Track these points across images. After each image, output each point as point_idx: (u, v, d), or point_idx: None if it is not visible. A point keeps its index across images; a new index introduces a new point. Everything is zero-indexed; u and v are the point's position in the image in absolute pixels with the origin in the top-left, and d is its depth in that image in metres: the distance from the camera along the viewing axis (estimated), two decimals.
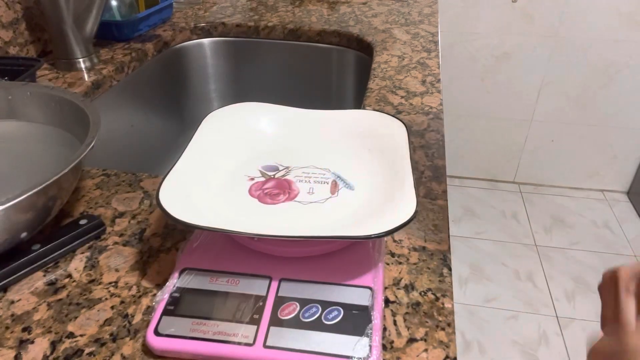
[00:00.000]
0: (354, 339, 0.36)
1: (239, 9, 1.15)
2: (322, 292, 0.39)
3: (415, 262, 0.45)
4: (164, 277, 0.43)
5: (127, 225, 0.50)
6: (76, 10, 0.77)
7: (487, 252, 1.82)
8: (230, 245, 0.44)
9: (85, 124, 0.50)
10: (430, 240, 0.47)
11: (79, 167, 0.48)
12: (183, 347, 0.36)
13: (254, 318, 0.37)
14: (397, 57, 0.90)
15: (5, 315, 0.40)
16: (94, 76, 0.79)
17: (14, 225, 0.41)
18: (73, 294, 0.42)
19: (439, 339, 0.38)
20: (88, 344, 0.37)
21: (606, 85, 1.91)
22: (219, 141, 0.51)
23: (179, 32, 1.02)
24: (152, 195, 0.55)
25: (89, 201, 0.54)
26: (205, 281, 0.40)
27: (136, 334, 0.38)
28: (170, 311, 0.38)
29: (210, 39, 1.07)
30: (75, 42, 0.79)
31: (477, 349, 1.46)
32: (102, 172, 0.59)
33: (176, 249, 0.47)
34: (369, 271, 0.41)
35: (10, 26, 0.80)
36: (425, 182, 0.56)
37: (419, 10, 1.16)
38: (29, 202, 0.40)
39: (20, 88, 0.58)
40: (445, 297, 0.41)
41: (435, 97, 0.76)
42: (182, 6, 1.17)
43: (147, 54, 0.93)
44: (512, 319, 1.55)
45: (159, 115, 1.01)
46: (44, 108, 0.57)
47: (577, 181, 2.17)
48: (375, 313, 0.37)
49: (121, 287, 0.42)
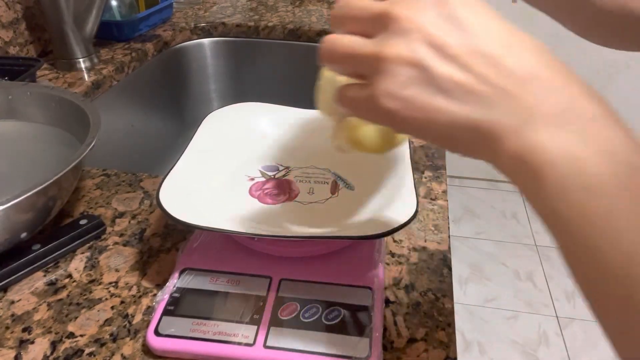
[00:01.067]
0: (354, 339, 0.35)
1: (239, 9, 1.15)
2: (322, 292, 0.39)
3: (415, 262, 0.45)
4: (164, 277, 0.43)
5: (127, 225, 0.50)
6: (76, 10, 0.77)
7: (487, 252, 1.82)
8: (230, 245, 0.44)
9: (85, 124, 0.50)
10: (430, 240, 0.47)
11: (79, 167, 0.48)
12: (183, 347, 0.36)
13: (254, 318, 0.37)
14: None
15: (5, 315, 0.40)
16: (94, 76, 0.79)
17: (14, 225, 0.41)
18: (73, 294, 0.42)
19: (439, 339, 0.38)
20: (88, 344, 0.37)
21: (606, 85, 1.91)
22: (219, 141, 0.51)
23: (179, 32, 1.02)
24: (152, 195, 0.55)
25: (89, 201, 0.54)
26: (205, 281, 0.40)
27: (136, 334, 0.38)
28: (171, 311, 0.38)
29: (210, 39, 1.07)
30: (75, 42, 0.79)
31: (477, 349, 1.46)
32: (102, 172, 0.59)
33: (176, 249, 0.47)
34: (369, 271, 0.41)
35: (10, 26, 0.80)
36: (425, 182, 0.56)
37: None
38: (29, 202, 0.40)
39: (20, 88, 0.58)
40: (445, 297, 0.41)
41: None
42: (182, 6, 1.17)
43: (147, 54, 0.93)
44: (512, 319, 1.55)
45: (159, 115, 1.01)
46: (44, 108, 0.57)
47: None
48: (375, 313, 0.37)
49: (121, 287, 0.42)
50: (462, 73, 0.23)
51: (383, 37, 0.24)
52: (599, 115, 0.22)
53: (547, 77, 0.22)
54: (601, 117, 0.22)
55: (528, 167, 0.22)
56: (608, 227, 0.20)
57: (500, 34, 0.23)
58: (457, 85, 0.23)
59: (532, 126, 0.22)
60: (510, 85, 0.22)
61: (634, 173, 0.20)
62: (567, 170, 0.21)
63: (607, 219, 0.20)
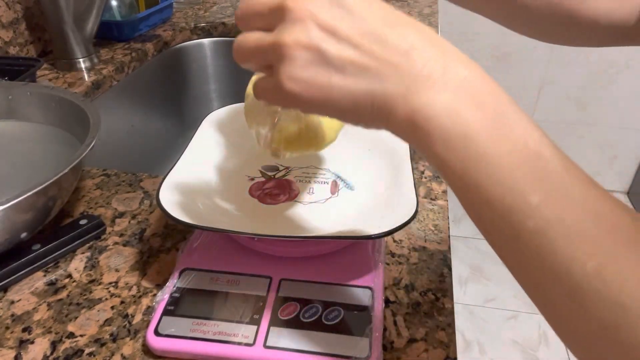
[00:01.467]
0: (354, 339, 0.35)
1: None
2: (322, 292, 0.39)
3: (415, 262, 0.45)
4: (164, 277, 0.43)
5: (127, 225, 0.50)
6: (76, 10, 0.77)
7: (487, 252, 1.82)
8: (230, 245, 0.44)
9: (85, 124, 0.50)
10: (430, 240, 0.47)
11: (79, 167, 0.48)
12: (183, 347, 0.36)
13: (254, 318, 0.37)
14: None
15: (5, 315, 0.40)
16: (94, 76, 0.79)
17: (14, 225, 0.41)
18: (73, 294, 0.42)
19: (439, 339, 0.38)
20: (88, 344, 0.37)
21: (606, 86, 1.91)
22: (219, 141, 0.51)
23: (179, 32, 1.02)
24: (152, 195, 0.55)
25: (89, 201, 0.54)
26: (205, 281, 0.40)
27: (136, 334, 0.38)
28: (171, 311, 0.38)
29: (210, 39, 1.07)
30: (75, 42, 0.79)
31: (477, 349, 1.46)
32: (102, 172, 0.59)
33: (176, 249, 0.47)
34: (369, 271, 0.41)
35: (10, 26, 0.80)
36: (425, 182, 0.56)
37: (419, 10, 1.16)
38: (29, 202, 0.40)
39: (20, 88, 0.58)
40: (445, 297, 0.41)
41: None
42: (182, 6, 1.17)
43: (147, 54, 0.93)
44: (512, 319, 1.55)
45: (159, 115, 1.01)
46: (44, 108, 0.57)
47: None
48: (375, 313, 0.37)
49: (121, 287, 0.42)
50: (354, 51, 0.25)
51: (281, 27, 0.26)
52: (470, 76, 0.25)
53: (425, 48, 0.26)
54: (472, 78, 0.25)
55: (417, 126, 0.25)
56: (484, 164, 0.24)
57: (384, 15, 0.26)
58: (351, 63, 0.25)
59: (415, 90, 0.25)
60: (395, 58, 0.25)
61: (500, 117, 0.24)
62: (448, 122, 0.24)
63: (484, 155, 0.24)
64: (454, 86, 0.25)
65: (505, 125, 0.24)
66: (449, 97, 0.25)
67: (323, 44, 0.26)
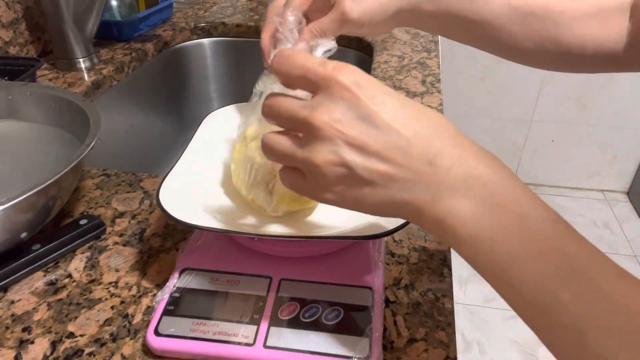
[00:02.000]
0: (354, 339, 0.35)
1: (239, 9, 1.15)
2: (322, 292, 0.39)
3: (415, 262, 0.45)
4: (164, 277, 0.43)
5: (127, 225, 0.50)
6: (76, 10, 0.77)
7: None
8: (230, 245, 0.44)
9: (85, 124, 0.50)
10: (430, 240, 0.47)
11: (79, 167, 0.48)
12: (183, 347, 0.36)
13: (254, 318, 0.37)
14: (397, 57, 0.90)
15: (5, 315, 0.40)
16: (94, 76, 0.79)
17: (14, 225, 0.41)
18: (73, 294, 0.42)
19: (439, 339, 0.38)
20: (88, 344, 0.37)
21: (606, 85, 1.91)
22: (219, 141, 0.51)
23: (179, 32, 1.02)
24: (152, 195, 0.55)
25: (89, 201, 0.54)
26: (205, 281, 0.40)
27: (136, 334, 0.38)
28: (171, 311, 0.38)
29: (210, 39, 1.07)
30: (75, 42, 0.79)
31: (477, 349, 1.46)
32: (102, 172, 0.59)
33: (176, 249, 0.47)
34: (369, 271, 0.41)
35: (10, 26, 0.80)
36: None
37: None
38: (29, 202, 0.40)
39: (20, 88, 0.58)
40: (445, 297, 0.41)
41: (436, 97, 0.76)
42: (182, 6, 1.17)
43: (147, 54, 0.93)
44: (512, 319, 1.55)
45: (159, 115, 1.01)
46: (44, 108, 0.57)
47: (577, 181, 2.17)
48: (375, 313, 0.37)
49: (121, 287, 0.42)
50: (382, 165, 0.27)
51: (311, 146, 0.28)
52: (491, 177, 0.27)
53: (446, 152, 0.27)
54: (493, 179, 0.27)
55: (444, 230, 0.27)
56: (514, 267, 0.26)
57: (407, 123, 0.27)
58: (380, 175, 0.27)
59: (439, 198, 0.27)
60: (421, 167, 0.27)
61: (523, 219, 0.26)
62: (474, 228, 0.26)
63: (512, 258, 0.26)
64: (476, 192, 0.27)
65: (529, 227, 0.26)
66: (472, 204, 0.27)
67: (353, 161, 0.27)
